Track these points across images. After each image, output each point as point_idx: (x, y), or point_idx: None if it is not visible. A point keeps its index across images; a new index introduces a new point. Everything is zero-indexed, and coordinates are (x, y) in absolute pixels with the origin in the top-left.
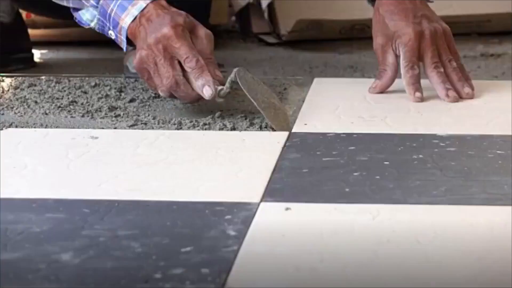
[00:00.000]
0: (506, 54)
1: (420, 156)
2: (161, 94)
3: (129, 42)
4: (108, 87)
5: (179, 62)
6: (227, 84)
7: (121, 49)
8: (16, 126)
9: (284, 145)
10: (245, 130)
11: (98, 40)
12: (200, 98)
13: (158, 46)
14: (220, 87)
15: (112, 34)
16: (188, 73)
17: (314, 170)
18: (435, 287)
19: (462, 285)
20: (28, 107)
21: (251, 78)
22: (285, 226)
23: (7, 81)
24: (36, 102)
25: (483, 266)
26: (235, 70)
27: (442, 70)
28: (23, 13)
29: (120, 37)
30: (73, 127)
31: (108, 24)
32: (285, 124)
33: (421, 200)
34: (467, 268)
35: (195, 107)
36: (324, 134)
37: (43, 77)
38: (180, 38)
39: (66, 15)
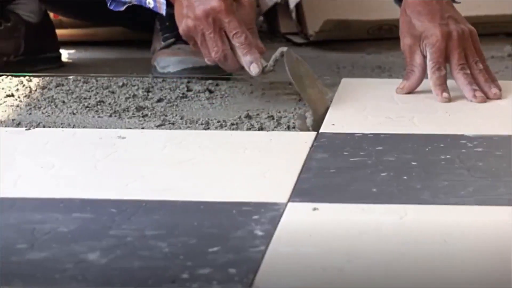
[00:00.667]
0: None
1: (448, 156)
2: (207, 62)
3: (168, 5)
4: (136, 87)
5: (226, 34)
6: (271, 62)
7: (149, 48)
8: (44, 126)
9: (312, 145)
10: (272, 130)
11: (125, 40)
12: (243, 68)
13: (208, 19)
14: (265, 64)
15: (150, 2)
16: (236, 47)
17: (341, 170)
18: (462, 287)
19: (489, 285)
20: (56, 107)
21: (295, 60)
22: (313, 226)
23: (35, 81)
24: (63, 102)
25: (511, 267)
26: (280, 49)
27: (468, 71)
28: (51, 13)
29: (159, 1)
30: (101, 127)
31: None
32: (324, 113)
33: (448, 200)
34: (494, 269)
35: (222, 107)
36: (351, 134)
37: (70, 77)
38: (230, 13)
39: (93, 17)
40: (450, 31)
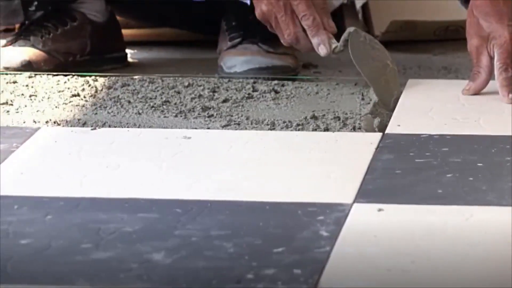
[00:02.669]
0: None
1: None
2: (282, 43)
3: None
4: (202, 87)
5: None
6: (340, 43)
7: (214, 48)
8: (109, 126)
9: (377, 146)
10: (338, 131)
11: (191, 40)
12: None
13: (279, 2)
14: (334, 45)
15: None
16: (306, 29)
17: (407, 171)
18: None
19: None
20: (121, 106)
21: (363, 41)
22: (378, 227)
23: (101, 81)
24: (129, 101)
25: None
26: (348, 29)
27: None
28: None
29: None
30: (166, 127)
31: None
32: (391, 97)
33: None
34: None
35: (287, 108)
36: (417, 135)
37: (136, 77)
38: None
39: (157, 20)
40: None
